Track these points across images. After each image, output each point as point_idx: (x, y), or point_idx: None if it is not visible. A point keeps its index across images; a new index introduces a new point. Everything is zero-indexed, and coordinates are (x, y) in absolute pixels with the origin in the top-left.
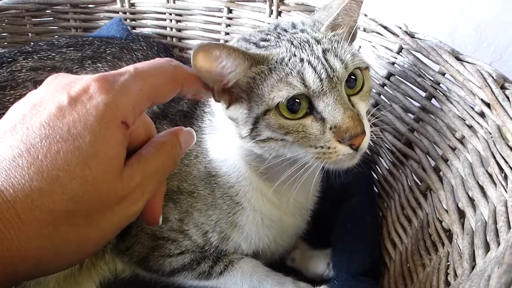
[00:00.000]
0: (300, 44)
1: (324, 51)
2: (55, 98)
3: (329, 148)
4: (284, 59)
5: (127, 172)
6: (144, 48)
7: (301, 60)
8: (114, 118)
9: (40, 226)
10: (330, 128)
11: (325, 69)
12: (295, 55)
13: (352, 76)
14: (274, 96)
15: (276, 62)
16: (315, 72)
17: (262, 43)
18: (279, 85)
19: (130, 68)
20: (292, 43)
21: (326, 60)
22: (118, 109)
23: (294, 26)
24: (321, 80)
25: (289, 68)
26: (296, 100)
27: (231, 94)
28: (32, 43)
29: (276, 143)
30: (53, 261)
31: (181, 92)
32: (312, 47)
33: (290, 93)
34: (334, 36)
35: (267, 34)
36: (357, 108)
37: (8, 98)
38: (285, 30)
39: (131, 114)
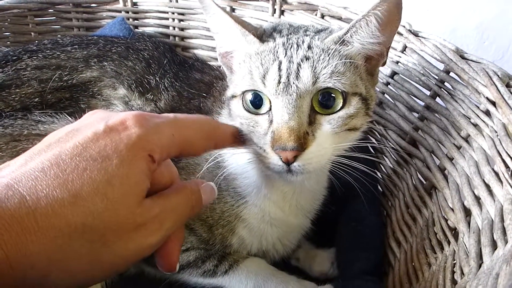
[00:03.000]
0: (290, 45)
1: (304, 58)
2: (92, 126)
3: (264, 151)
4: (263, 52)
5: (147, 202)
6: (150, 48)
7: (275, 59)
8: (142, 149)
9: (55, 236)
10: (272, 132)
11: (289, 74)
12: (274, 53)
13: (332, 95)
14: (240, 84)
15: (257, 53)
16: (279, 73)
17: (273, 32)
18: (246, 75)
19: (171, 115)
20: (285, 42)
21: (299, 66)
22: (148, 143)
23: (315, 31)
24: (279, 82)
25: (261, 62)
26: (262, 97)
27: (230, 64)
28: (36, 42)
29: (247, 133)
30: (61, 277)
31: (215, 149)
32: (296, 50)
33: (250, 87)
34: (334, 50)
35: (287, 29)
36: (316, 127)
37: (13, 96)
38: (298, 31)
39: (158, 151)
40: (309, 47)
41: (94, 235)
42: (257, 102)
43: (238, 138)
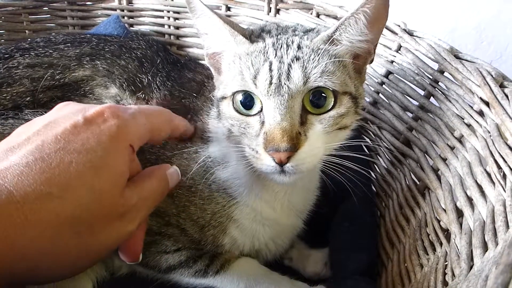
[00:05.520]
0: (280, 45)
1: (294, 59)
2: (70, 118)
3: (257, 152)
4: (253, 53)
5: (127, 191)
6: (143, 47)
7: (266, 59)
8: (123, 140)
9: (44, 228)
10: (264, 133)
11: (280, 74)
12: (264, 54)
13: (323, 94)
14: (231, 85)
15: (247, 54)
16: (270, 74)
17: (262, 33)
18: (237, 76)
19: (135, 106)
20: (275, 42)
21: (289, 66)
22: (128, 133)
23: (303, 31)
24: (270, 83)
25: (251, 63)
26: (253, 98)
27: (218, 65)
28: (28, 39)
29: (237, 134)
30: (50, 267)
31: (171, 135)
32: (286, 51)
33: (241, 88)
34: (324, 49)
35: (275, 29)
36: (308, 127)
37: (4, 95)
38: (286, 31)
39: (137, 140)
40: (299, 47)
41: (82, 226)
42: (247, 102)
43: (188, 134)
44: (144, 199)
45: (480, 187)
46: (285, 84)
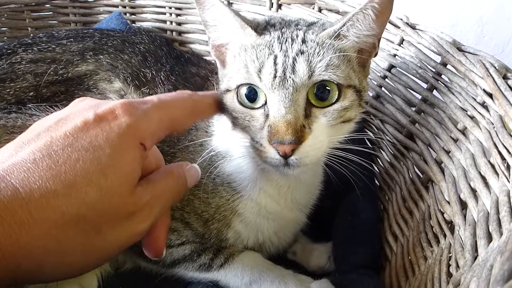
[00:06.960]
0: (285, 39)
1: (299, 52)
2: (81, 115)
3: (261, 145)
4: (258, 46)
5: (138, 190)
6: (146, 41)
7: (271, 53)
8: (134, 138)
9: (49, 227)
10: (269, 126)
11: (285, 68)
12: (269, 47)
13: (327, 87)
14: (235, 78)
15: (252, 47)
16: (274, 67)
17: (268, 26)
18: (241, 69)
19: (155, 98)
20: (280, 36)
21: (294, 60)
22: (139, 131)
23: (306, 25)
24: (274, 76)
25: (256, 56)
26: (257, 91)
27: (223, 57)
28: (31, 35)
29: (242, 127)
30: (55, 266)
31: (199, 120)
32: (291, 44)
33: (245, 81)
34: (329, 44)
35: (279, 23)
36: (312, 120)
37: (8, 90)
38: (290, 25)
39: (149, 138)
40: (304, 41)
41: (88, 225)
42: (252, 96)
43: (216, 108)
44: (158, 198)
45: (484, 179)
46: (290, 77)
